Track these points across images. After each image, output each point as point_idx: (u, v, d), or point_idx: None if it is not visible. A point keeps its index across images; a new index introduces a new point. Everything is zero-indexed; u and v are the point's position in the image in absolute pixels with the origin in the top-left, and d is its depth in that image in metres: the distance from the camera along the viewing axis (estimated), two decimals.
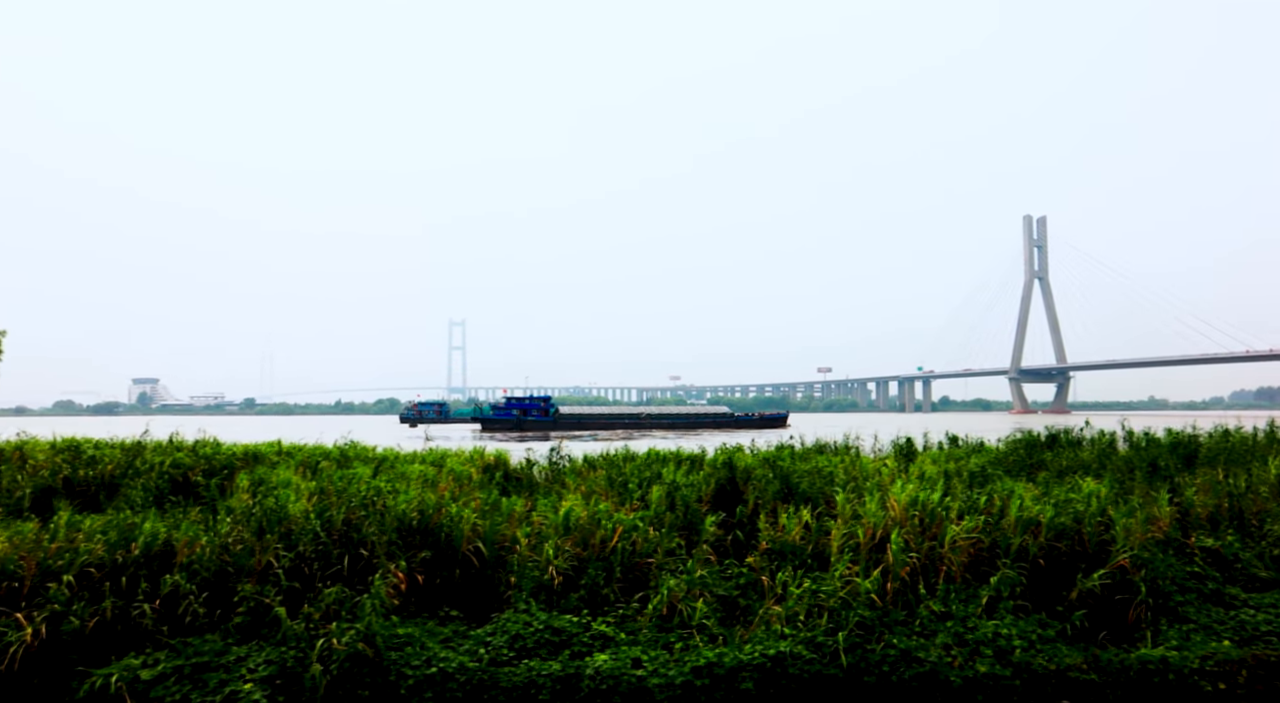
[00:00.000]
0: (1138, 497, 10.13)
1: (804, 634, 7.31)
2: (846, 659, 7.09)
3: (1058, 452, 17.80)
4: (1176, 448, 17.57)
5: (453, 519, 9.24)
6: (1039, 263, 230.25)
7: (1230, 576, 9.53)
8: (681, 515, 10.26)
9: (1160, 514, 9.64)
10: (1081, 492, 10.00)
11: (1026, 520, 8.80)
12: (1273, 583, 9.39)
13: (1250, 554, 9.69)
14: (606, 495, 11.46)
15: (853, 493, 10.22)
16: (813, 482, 11.08)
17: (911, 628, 7.57)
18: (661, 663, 7.16)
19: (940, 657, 7.14)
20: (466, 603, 8.69)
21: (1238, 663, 7.26)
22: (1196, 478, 13.18)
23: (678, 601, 8.11)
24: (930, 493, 9.32)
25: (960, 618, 7.64)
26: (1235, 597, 8.98)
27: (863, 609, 7.48)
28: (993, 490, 9.94)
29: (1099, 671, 7.22)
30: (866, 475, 11.77)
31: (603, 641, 7.64)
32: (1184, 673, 7.17)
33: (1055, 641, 7.62)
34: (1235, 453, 15.10)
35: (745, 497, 10.79)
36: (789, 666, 7.01)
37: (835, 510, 9.81)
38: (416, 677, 6.80)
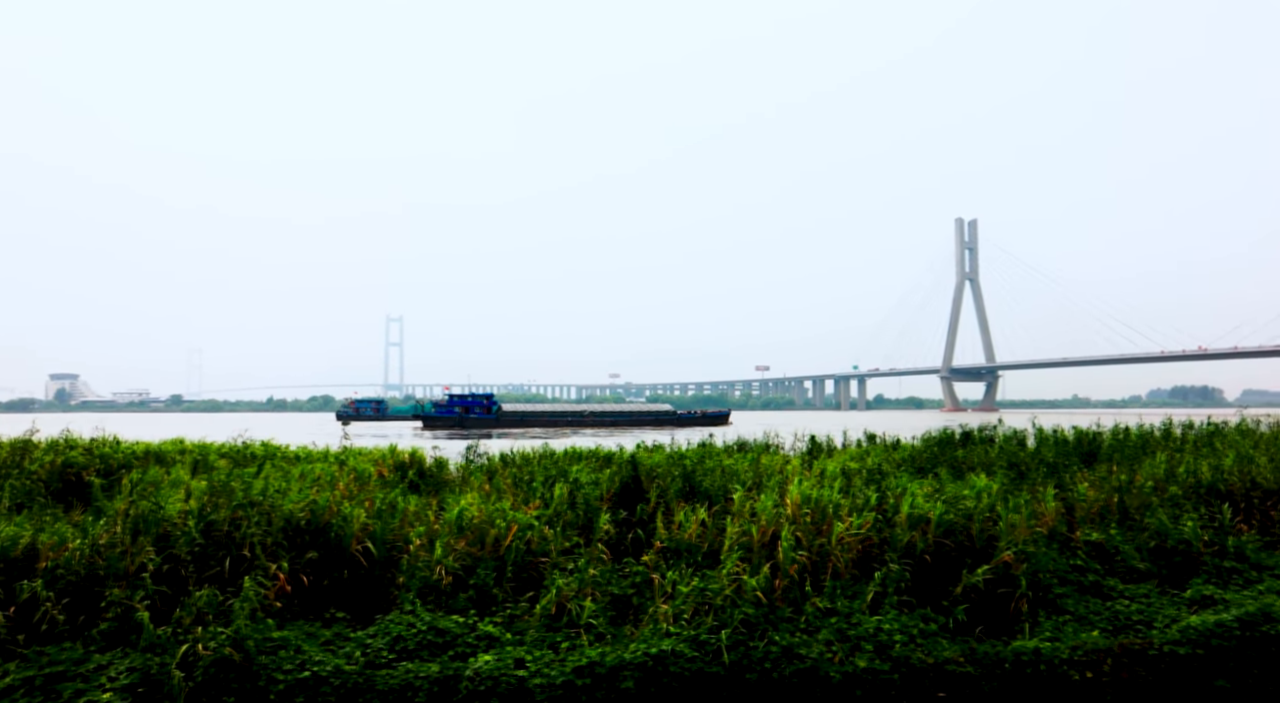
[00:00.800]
0: (1026, 493, 10.39)
1: (688, 633, 7.31)
2: (729, 657, 7.11)
3: (970, 449, 18.19)
4: (1080, 445, 18.18)
5: (344, 519, 9.04)
6: (970, 264, 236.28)
7: (1111, 568, 9.85)
8: (582, 514, 10.20)
9: (1045, 510, 9.91)
10: (975, 489, 10.24)
11: (915, 518, 8.96)
12: (1150, 574, 9.74)
13: (1130, 547, 10.03)
14: (512, 494, 11.37)
15: (753, 491, 10.29)
16: (715, 480, 11.13)
17: (797, 625, 7.64)
18: (545, 663, 7.09)
19: (821, 653, 7.21)
20: (355, 605, 8.50)
21: (1104, 652, 7.49)
22: (1097, 473, 13.65)
23: (567, 600, 8.05)
24: (825, 491, 9.43)
25: (845, 614, 7.73)
26: (1113, 588, 9.27)
27: (747, 607, 7.51)
28: (887, 488, 10.10)
29: (975, 663, 7.37)
30: (771, 473, 11.86)
31: (488, 641, 7.53)
32: (1054, 663, 7.37)
33: (937, 635, 7.76)
34: (1131, 449, 15.63)
35: (648, 495, 10.77)
36: (670, 664, 7.00)
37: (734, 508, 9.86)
38: (287, 681, 6.61)
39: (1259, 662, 7.54)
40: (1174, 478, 12.43)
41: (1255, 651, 7.58)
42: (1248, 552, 9.77)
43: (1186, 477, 12.29)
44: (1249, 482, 11.81)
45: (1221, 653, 7.58)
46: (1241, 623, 7.73)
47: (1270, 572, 9.67)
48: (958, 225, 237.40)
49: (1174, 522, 10.08)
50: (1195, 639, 7.64)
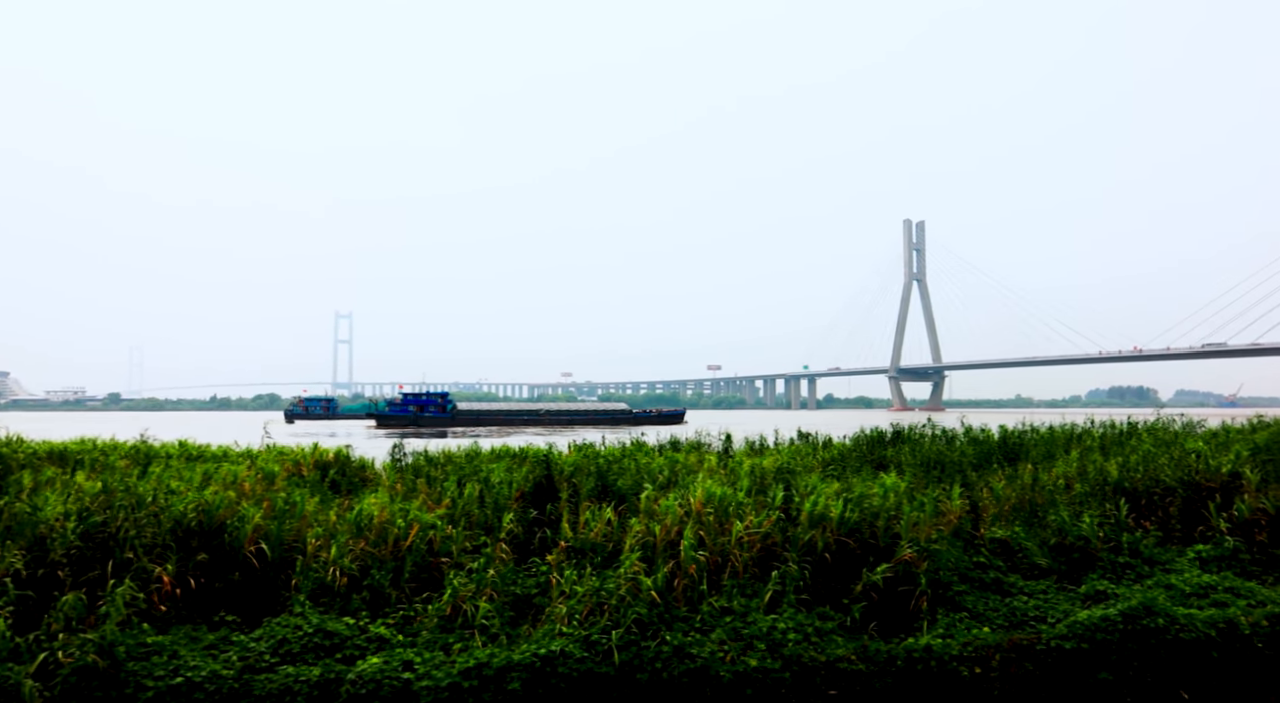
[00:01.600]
0: (933, 491, 10.51)
1: (580, 633, 7.24)
2: (620, 657, 7.05)
3: (898, 447, 18.41)
4: (1005, 444, 18.52)
5: (241, 520, 8.80)
6: (917, 266, 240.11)
7: (1014, 564, 10.01)
8: (490, 513, 10.07)
9: (950, 508, 10.03)
10: (884, 488, 10.32)
11: (816, 516, 8.99)
12: (1050, 571, 9.92)
13: (1033, 544, 10.20)
14: (425, 494, 11.20)
15: (665, 490, 10.26)
16: (629, 479, 11.07)
17: (692, 624, 7.60)
18: (434, 665, 6.96)
19: (713, 652, 7.18)
20: (247, 607, 8.26)
21: (994, 648, 7.58)
22: (1016, 471, 13.90)
23: (464, 600, 7.93)
24: (728, 490, 9.43)
25: (740, 613, 7.72)
26: (1013, 585, 9.42)
27: (640, 607, 7.46)
28: (794, 487, 10.14)
29: (867, 661, 7.41)
30: (687, 472, 11.85)
31: (378, 643, 7.38)
32: (945, 660, 7.44)
33: (834, 633, 7.78)
34: (1043, 448, 15.95)
35: (560, 494, 10.68)
36: (559, 665, 6.91)
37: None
38: (158, 688, 6.38)
39: (1139, 654, 7.70)
40: (1084, 476, 12.71)
41: (1136, 643, 7.74)
42: (1141, 548, 10.00)
43: (1095, 475, 12.57)
44: (1152, 479, 12.11)
45: (1105, 647, 7.73)
46: (1125, 617, 7.89)
47: (1163, 566, 9.91)
48: (905, 227, 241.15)
49: (1075, 519, 10.28)
50: (1081, 634, 7.78)
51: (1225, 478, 11.89)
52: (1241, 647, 7.96)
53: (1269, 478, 11.64)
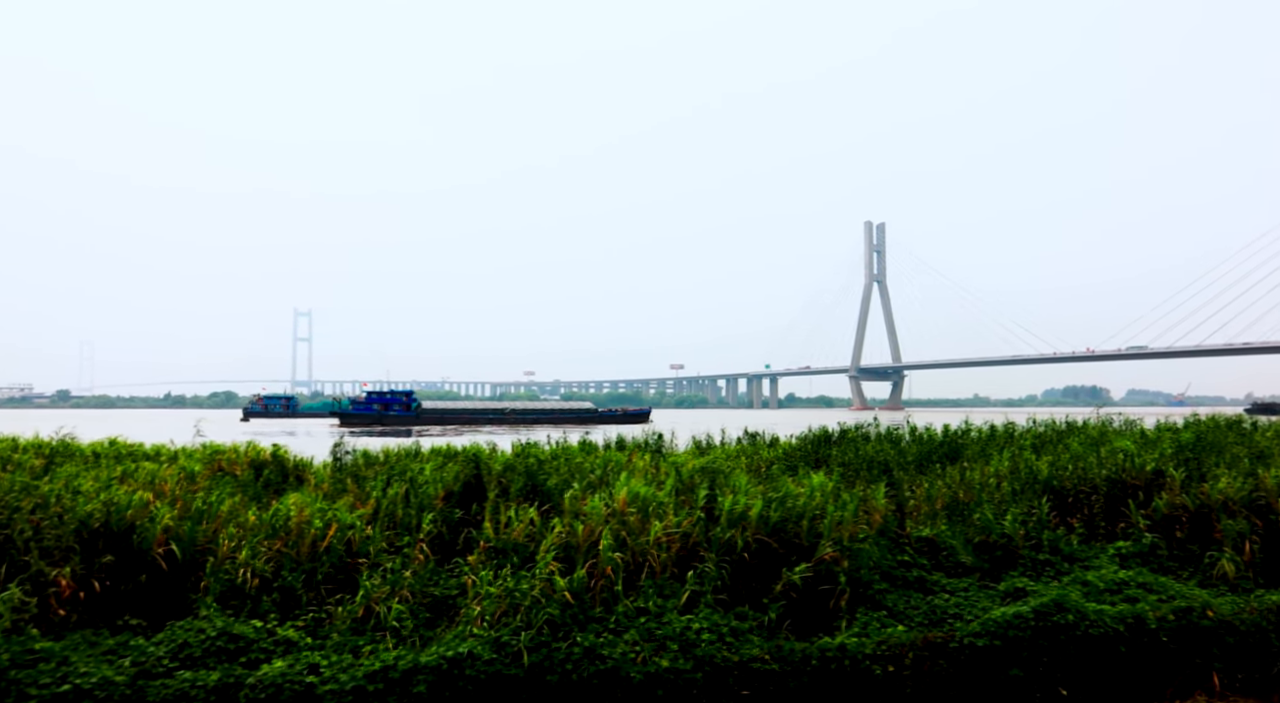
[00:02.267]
0: (858, 490, 10.55)
1: (490, 635, 7.14)
2: (530, 659, 6.97)
3: (844, 447, 18.55)
4: (947, 443, 18.75)
5: (151, 520, 8.58)
6: (878, 267, 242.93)
7: (938, 562, 10.10)
8: (415, 513, 9.93)
9: (875, 507, 10.08)
10: (810, 487, 10.34)
11: (736, 516, 8.97)
12: (975, 569, 10.02)
13: (958, 542, 10.30)
14: (354, 493, 11.03)
15: (597, 489, 10.19)
16: (559, 479, 10.99)
17: (606, 625, 7.55)
18: (341, 668, 6.82)
19: (624, 653, 7.13)
20: (155, 611, 8.04)
21: (907, 647, 7.62)
22: (955, 470, 14.05)
23: (377, 602, 7.79)
24: (651, 489, 9.39)
25: (655, 614, 7.68)
26: (936, 583, 9.50)
27: (553, 608, 7.38)
28: (719, 486, 10.13)
29: (781, 660, 7.41)
30: (619, 472, 11.79)
31: (286, 646, 7.22)
32: (858, 659, 7.46)
33: (749, 633, 7.77)
34: (976, 447, 16.15)
35: (488, 493, 10.56)
36: (467, 668, 6.81)
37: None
38: (43, 697, 6.17)
39: (1050, 650, 7.79)
40: (1016, 475, 12.88)
41: (1047, 640, 7.83)
42: (1061, 545, 10.15)
43: (1025, 474, 12.74)
44: (1079, 478, 12.30)
45: (1017, 643, 7.81)
46: (1037, 614, 7.98)
47: (1082, 563, 10.07)
48: (866, 228, 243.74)
49: (998, 518, 10.39)
50: (993, 631, 7.85)
51: (1150, 476, 12.11)
52: (1148, 641, 8.10)
53: (1192, 476, 11.88)
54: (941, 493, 12.56)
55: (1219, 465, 12.55)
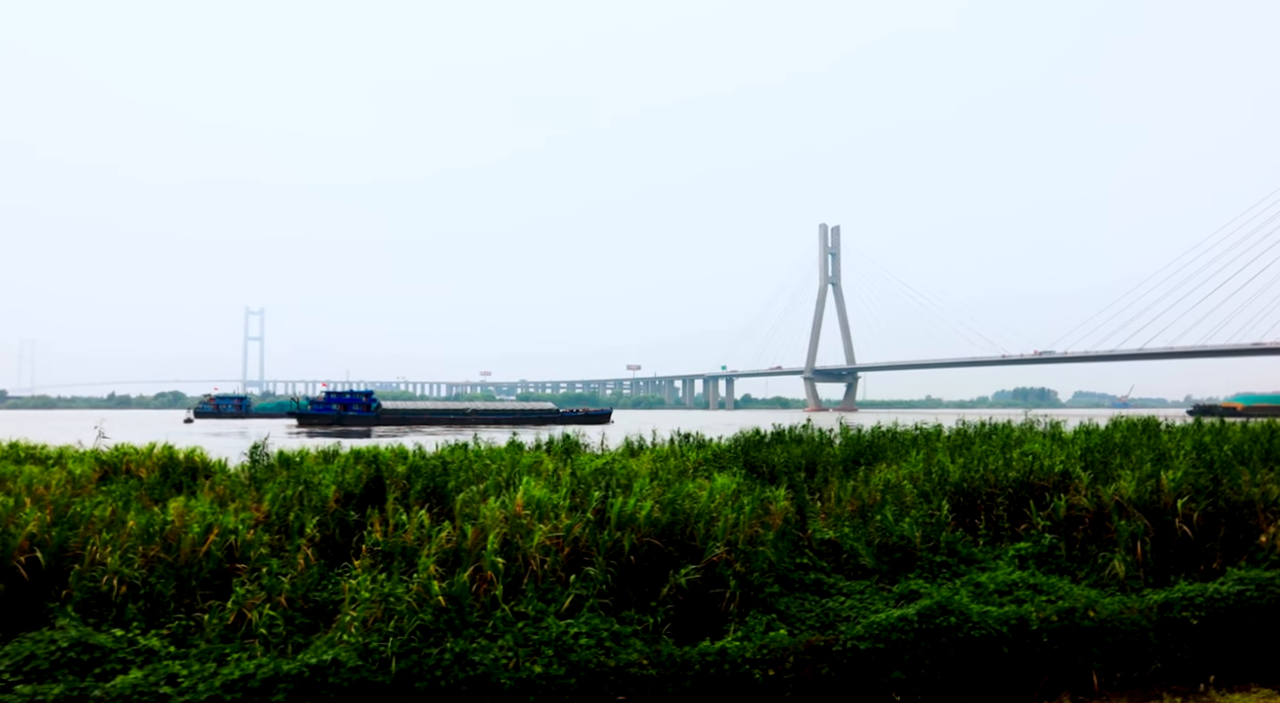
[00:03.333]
0: (758, 492, 10.53)
1: (359, 640, 6.96)
2: (398, 665, 6.80)
3: (775, 449, 18.60)
4: (874, 444, 18.90)
5: (16, 526, 8.24)
6: (833, 269, 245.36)
7: (839, 565, 10.11)
8: (308, 517, 9.68)
9: (775, 510, 10.06)
10: (710, 489, 10.30)
11: (625, 519, 8.89)
12: (875, 571, 10.05)
13: (860, 544, 10.32)
14: (253, 496, 10.74)
15: (489, 492, 10.03)
16: (460, 481, 10.81)
17: (483, 630, 7.40)
18: (200, 678, 6.58)
19: (496, 659, 6.99)
20: (10, 622, 7.71)
21: (788, 650, 7.58)
22: (873, 472, 14.12)
23: (250, 608, 7.56)
24: (545, 492, 9.27)
25: (534, 619, 7.56)
26: (834, 586, 9.50)
27: (425, 613, 7.22)
28: (614, 488, 10.03)
29: (660, 665, 7.32)
30: (524, 473, 11.64)
31: (147, 656, 6.96)
32: (738, 663, 7.41)
33: (631, 638, 7.67)
34: (909, 448, 16.28)
35: (387, 495, 10.35)
36: (330, 675, 6.62)
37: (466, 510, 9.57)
38: None
39: (932, 653, 7.81)
40: (929, 476, 12.98)
41: (929, 642, 7.85)
42: (959, 547, 10.22)
43: (937, 475, 12.85)
44: (987, 480, 12.42)
45: (901, 646, 7.82)
46: (920, 616, 8.00)
47: (979, 565, 10.16)
48: (821, 231, 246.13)
49: (898, 520, 10.44)
50: (877, 634, 7.86)
51: (1058, 478, 12.28)
52: (1030, 642, 8.17)
53: (1097, 477, 12.07)
54: (855, 495, 12.62)
55: (1124, 467, 12.77)
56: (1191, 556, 10.59)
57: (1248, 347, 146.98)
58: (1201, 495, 10.75)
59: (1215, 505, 10.92)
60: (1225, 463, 12.05)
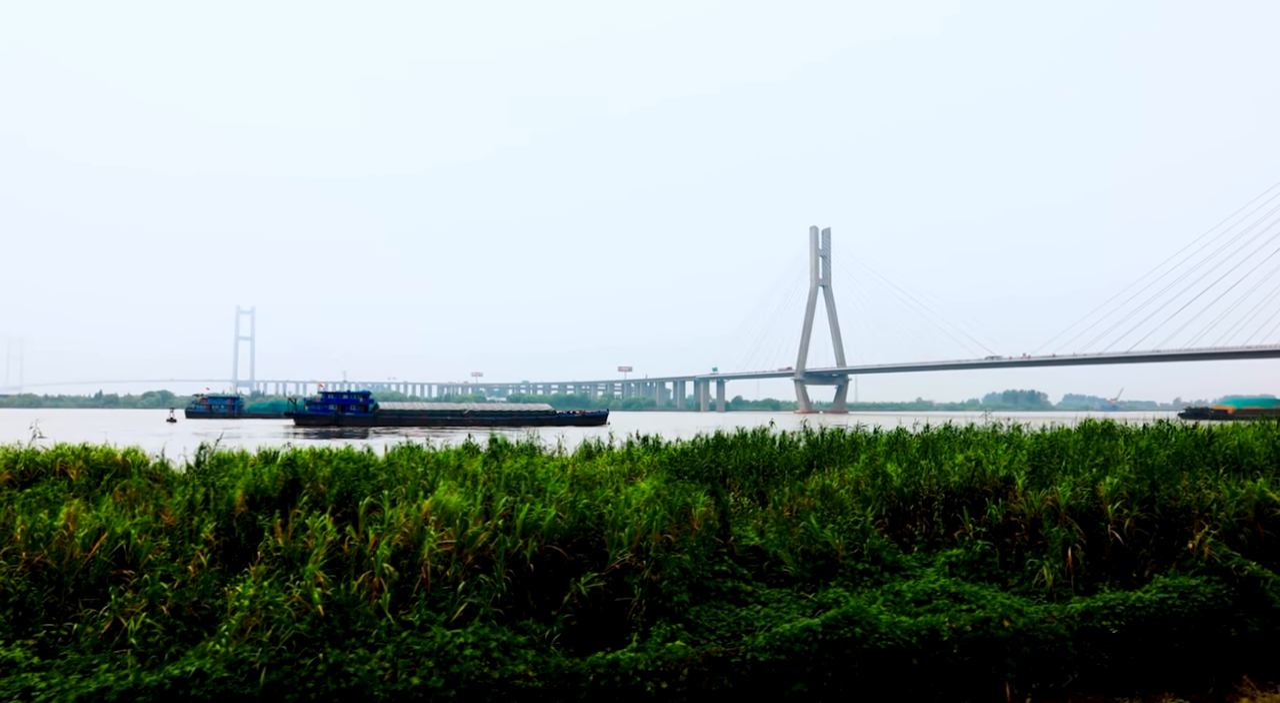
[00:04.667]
0: (679, 497, 10.28)
1: (229, 650, 6.69)
2: (269, 677, 6.54)
3: (732, 452, 18.40)
4: (833, 447, 18.71)
5: None
6: (823, 272, 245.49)
7: (760, 572, 9.88)
8: (212, 520, 9.43)
9: (695, 515, 9.82)
10: (634, 493, 10.07)
11: (530, 524, 8.65)
12: (798, 579, 9.82)
13: (784, 551, 10.09)
14: (161, 498, 10.46)
15: (404, 497, 9.79)
16: (368, 486, 10.55)
17: (366, 640, 7.15)
18: (57, 691, 6.31)
19: (373, 670, 6.73)
20: None
21: (683, 662, 7.34)
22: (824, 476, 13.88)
23: (127, 616, 7.29)
24: (456, 497, 9.02)
25: (419, 628, 7.30)
26: (752, 594, 9.26)
27: (303, 623, 6.96)
28: (521, 492, 9.79)
29: (548, 678, 7.07)
30: (464, 476, 11.40)
31: (5, 667, 6.68)
32: (629, 675, 7.17)
33: (524, 648, 7.43)
34: (840, 453, 16.08)
35: (298, 499, 10.10)
36: (194, 687, 6.36)
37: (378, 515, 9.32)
38: None
39: (835, 665, 7.58)
40: (872, 481, 12.76)
41: (834, 654, 7.62)
42: (883, 554, 10.00)
43: (879, 480, 12.63)
44: (930, 485, 12.21)
45: (803, 658, 7.59)
46: (825, 626, 7.77)
47: (904, 573, 9.94)
48: (812, 233, 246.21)
49: (821, 526, 10.22)
50: (779, 645, 7.62)
51: (1000, 483, 12.08)
52: (940, 653, 7.95)
53: (1042, 482, 11.87)
54: (791, 500, 12.39)
55: (1069, 472, 12.58)
56: (1126, 563, 10.40)
57: (1236, 350, 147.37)
58: (1135, 501, 10.56)
59: (1150, 511, 10.74)
60: (1165, 468, 11.88)
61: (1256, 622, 9.13)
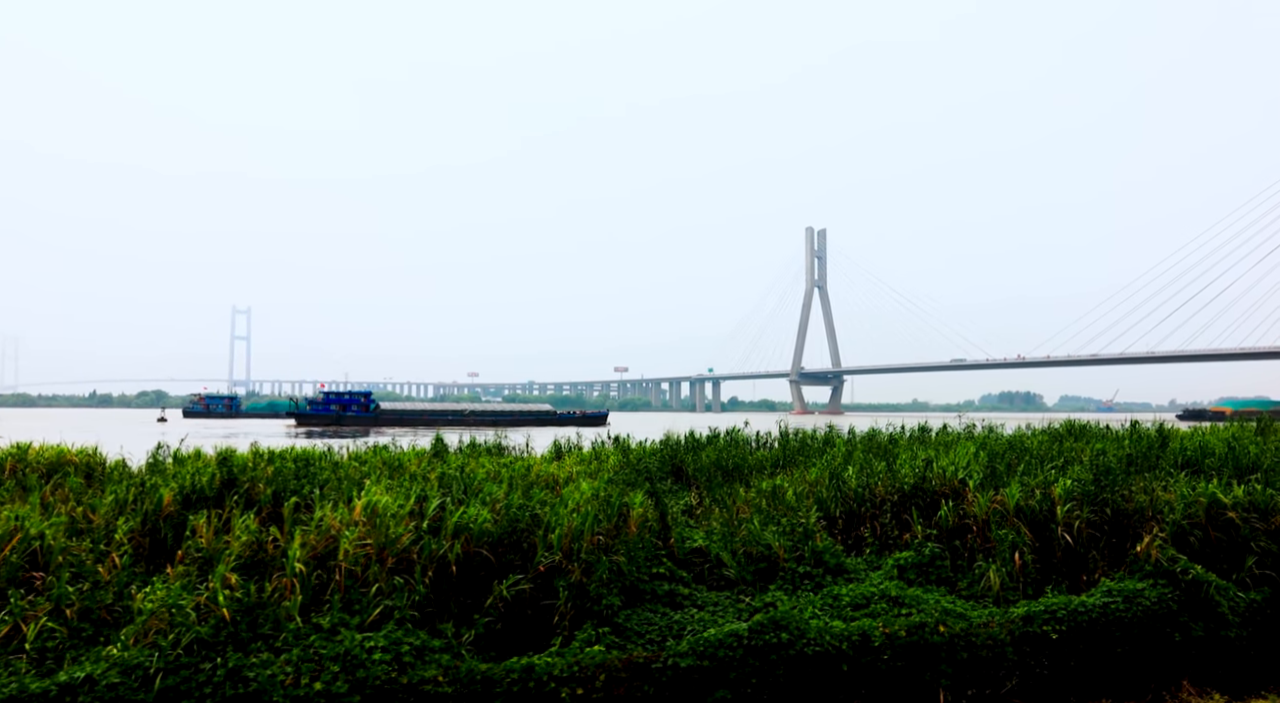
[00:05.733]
0: (616, 498, 10.08)
1: (124, 655, 6.49)
2: (165, 682, 6.35)
3: (702, 452, 18.23)
4: (804, 448, 18.54)
5: None
6: (819, 273, 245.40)
7: (702, 575, 9.69)
8: (149, 519, 9.24)
9: (633, 516, 9.63)
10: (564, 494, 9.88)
11: (459, 526, 8.45)
12: (739, 581, 9.63)
13: (726, 554, 9.90)
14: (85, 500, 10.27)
15: (336, 496, 9.59)
16: (295, 485, 10.35)
17: (273, 644, 6.95)
18: None
19: (275, 675, 6.54)
20: None
21: (602, 668, 7.15)
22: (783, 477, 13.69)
23: (28, 620, 7.08)
24: (386, 498, 8.82)
25: (329, 631, 7.10)
26: (691, 597, 9.07)
27: (204, 627, 6.77)
28: (454, 495, 9.60)
29: (458, 683, 6.88)
30: (394, 473, 11.20)
31: None
32: (543, 681, 6.97)
33: (440, 653, 7.23)
34: (788, 456, 15.92)
35: (227, 499, 9.90)
36: (82, 694, 6.16)
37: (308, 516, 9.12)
38: None
39: (760, 671, 7.39)
40: (826, 483, 12.57)
41: (759, 660, 7.43)
42: (826, 557, 9.80)
43: (834, 482, 12.45)
44: (883, 487, 12.03)
45: (727, 664, 7.40)
46: (752, 632, 7.58)
47: (848, 576, 9.75)
48: (808, 234, 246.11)
49: (763, 528, 10.04)
50: (702, 651, 7.43)
51: (957, 484, 11.90)
52: (871, 659, 7.76)
53: (986, 484, 11.69)
54: (745, 501, 12.21)
55: (1028, 473, 12.39)
56: (1077, 566, 10.23)
57: (1231, 352, 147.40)
58: (1086, 503, 10.38)
59: (1101, 513, 10.56)
60: (1117, 470, 11.70)
61: (1201, 626, 8.95)
